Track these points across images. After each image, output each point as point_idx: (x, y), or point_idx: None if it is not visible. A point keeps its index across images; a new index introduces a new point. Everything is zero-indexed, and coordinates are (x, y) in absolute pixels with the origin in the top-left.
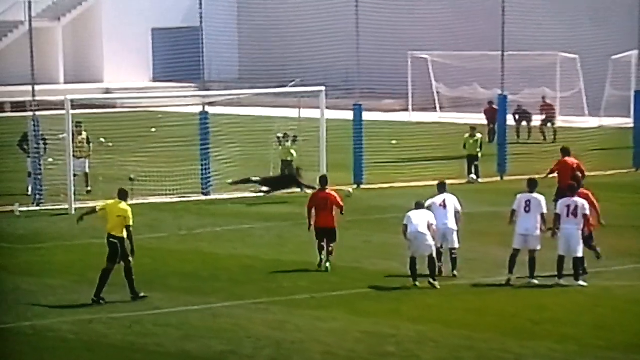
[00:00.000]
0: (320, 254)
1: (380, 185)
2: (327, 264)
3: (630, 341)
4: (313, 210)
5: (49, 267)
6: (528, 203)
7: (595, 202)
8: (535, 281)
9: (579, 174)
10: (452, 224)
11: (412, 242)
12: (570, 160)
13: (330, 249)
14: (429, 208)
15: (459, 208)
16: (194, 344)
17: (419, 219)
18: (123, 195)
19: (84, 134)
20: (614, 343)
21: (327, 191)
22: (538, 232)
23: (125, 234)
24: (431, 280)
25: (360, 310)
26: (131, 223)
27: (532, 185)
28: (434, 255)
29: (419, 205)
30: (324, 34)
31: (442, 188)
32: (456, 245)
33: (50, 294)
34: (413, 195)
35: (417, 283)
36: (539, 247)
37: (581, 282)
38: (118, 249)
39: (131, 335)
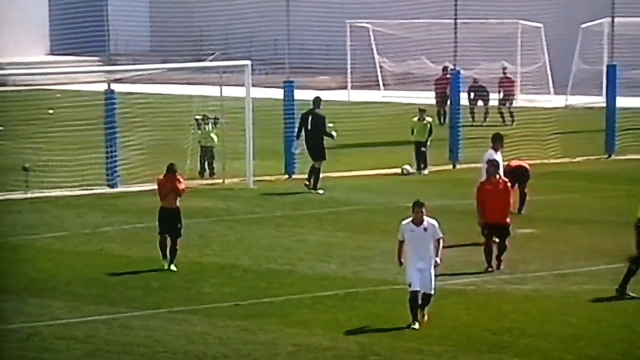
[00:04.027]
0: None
1: None
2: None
3: (601, 354)
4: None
5: None
6: None
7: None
8: None
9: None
10: None
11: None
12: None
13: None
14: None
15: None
16: (102, 359)
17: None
18: None
19: None
20: (582, 356)
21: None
22: None
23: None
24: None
25: (293, 319)
26: None
27: None
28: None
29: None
30: None
31: None
32: None
33: None
34: (353, 187)
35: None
36: None
37: None
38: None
39: (29, 350)
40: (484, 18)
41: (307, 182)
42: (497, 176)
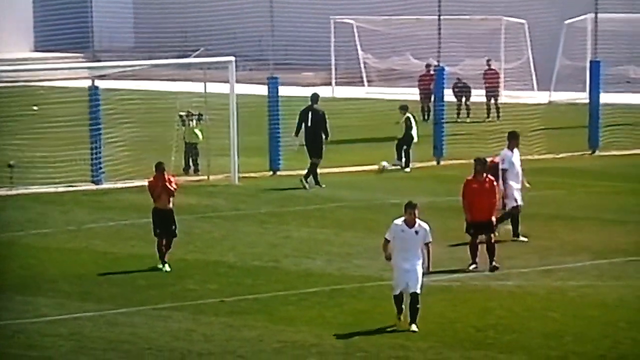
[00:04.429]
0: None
1: (300, 171)
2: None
3: (586, 350)
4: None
5: None
6: None
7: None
8: None
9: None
10: None
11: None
12: None
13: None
14: None
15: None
16: (88, 357)
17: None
18: None
19: None
20: (567, 352)
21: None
22: None
23: None
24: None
25: (279, 316)
26: None
27: None
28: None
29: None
30: None
31: None
32: None
33: None
34: (337, 184)
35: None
36: None
37: None
38: None
39: (14, 347)
40: (468, 14)
41: (318, 183)
42: (484, 174)
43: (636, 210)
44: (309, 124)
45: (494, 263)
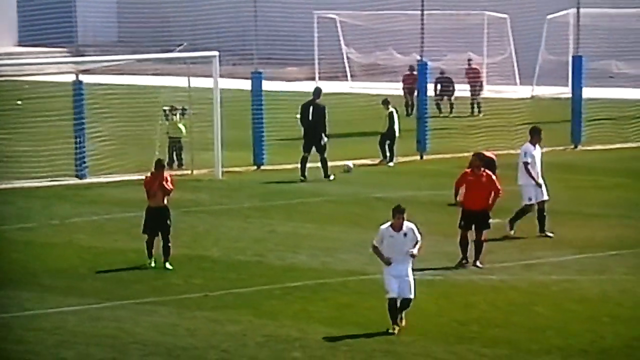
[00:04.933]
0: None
1: (285, 166)
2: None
3: (568, 344)
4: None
5: None
6: None
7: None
8: None
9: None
10: None
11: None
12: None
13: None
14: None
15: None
16: (71, 351)
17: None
18: None
19: None
20: (550, 346)
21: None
22: None
23: None
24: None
25: (263, 310)
26: None
27: None
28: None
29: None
30: None
31: None
32: None
33: None
34: (321, 178)
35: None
36: None
37: None
38: None
39: None
40: (451, 9)
41: (303, 177)
42: (482, 169)
43: (619, 205)
44: (310, 118)
45: (477, 262)
